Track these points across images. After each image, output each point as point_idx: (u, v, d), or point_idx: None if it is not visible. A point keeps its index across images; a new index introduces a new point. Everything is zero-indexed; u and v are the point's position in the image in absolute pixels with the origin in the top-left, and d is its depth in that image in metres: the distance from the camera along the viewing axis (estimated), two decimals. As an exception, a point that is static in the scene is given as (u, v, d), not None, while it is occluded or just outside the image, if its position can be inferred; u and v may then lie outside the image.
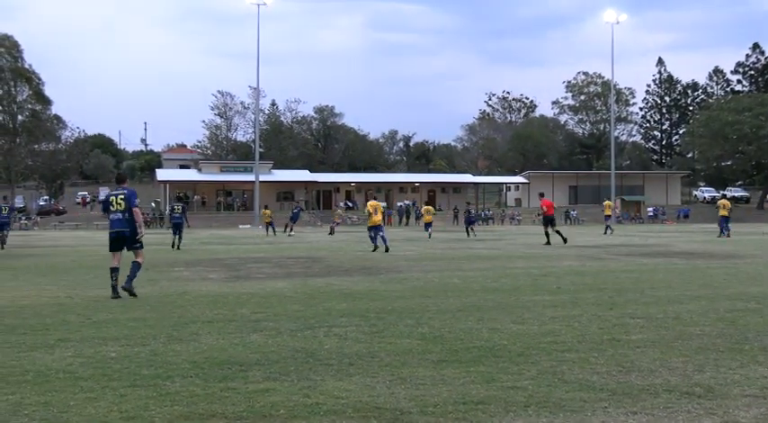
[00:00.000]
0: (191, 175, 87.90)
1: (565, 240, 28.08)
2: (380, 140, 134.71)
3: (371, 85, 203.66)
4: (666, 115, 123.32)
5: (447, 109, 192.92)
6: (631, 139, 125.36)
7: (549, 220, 29.33)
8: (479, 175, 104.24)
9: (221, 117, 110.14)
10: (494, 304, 10.90)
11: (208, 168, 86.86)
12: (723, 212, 35.03)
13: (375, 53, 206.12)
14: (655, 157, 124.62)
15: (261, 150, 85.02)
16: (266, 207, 49.23)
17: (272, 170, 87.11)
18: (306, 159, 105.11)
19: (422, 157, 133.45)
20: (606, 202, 44.24)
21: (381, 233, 25.46)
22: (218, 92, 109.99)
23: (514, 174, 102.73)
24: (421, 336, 8.23)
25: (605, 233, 40.57)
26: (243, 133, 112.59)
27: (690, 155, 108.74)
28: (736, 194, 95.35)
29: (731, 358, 6.94)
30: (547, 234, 29.08)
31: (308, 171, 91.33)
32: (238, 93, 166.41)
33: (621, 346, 7.59)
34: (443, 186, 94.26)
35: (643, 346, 7.53)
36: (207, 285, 13.89)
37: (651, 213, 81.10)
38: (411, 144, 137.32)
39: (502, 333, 8.38)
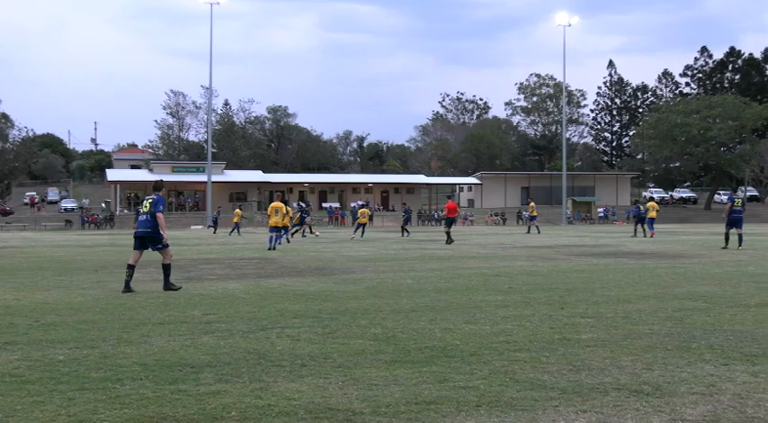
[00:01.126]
0: (142, 175, 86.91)
1: (448, 242, 29.94)
2: (334, 141, 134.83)
3: (325, 86, 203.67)
4: (617, 117, 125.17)
5: (401, 110, 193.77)
6: (582, 141, 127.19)
7: (449, 222, 31.62)
8: (432, 175, 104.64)
9: (173, 117, 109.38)
10: (446, 304, 10.95)
11: (159, 168, 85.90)
12: (652, 214, 37.62)
13: (329, 54, 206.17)
14: (605, 158, 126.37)
15: (213, 150, 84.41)
16: (240, 207, 53.43)
17: (225, 170, 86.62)
18: (259, 160, 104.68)
19: (375, 157, 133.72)
20: (531, 204, 46.70)
21: (276, 233, 26.77)
22: (171, 91, 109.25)
23: (467, 175, 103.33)
24: (374, 336, 8.24)
25: (529, 232, 43.70)
26: (195, 133, 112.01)
27: (639, 156, 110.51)
28: (684, 195, 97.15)
29: (679, 357, 7.06)
30: (447, 234, 30.89)
31: (260, 171, 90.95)
32: (191, 92, 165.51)
33: (572, 345, 7.68)
34: (397, 187, 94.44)
35: (593, 346, 7.62)
36: (158, 287, 13.73)
37: (601, 214, 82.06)
38: (364, 145, 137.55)
39: (454, 333, 8.42)
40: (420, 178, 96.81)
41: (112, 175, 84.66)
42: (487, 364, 6.75)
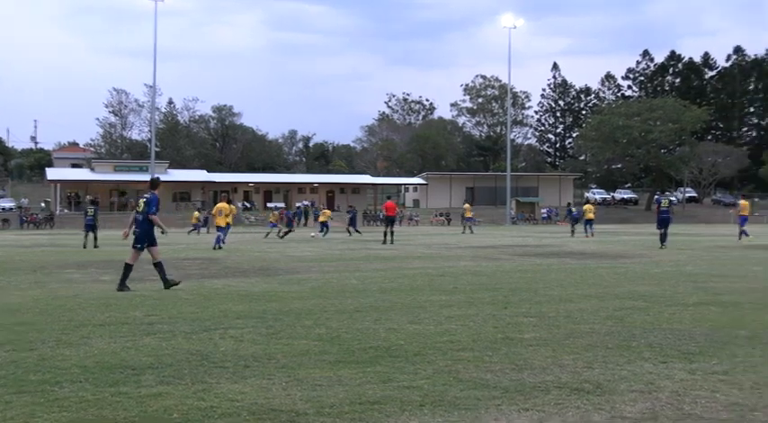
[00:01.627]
0: (83, 174, 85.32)
1: (384, 243, 30.24)
2: (279, 141, 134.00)
3: (271, 85, 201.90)
4: (560, 119, 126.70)
5: (347, 110, 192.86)
6: (527, 142, 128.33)
7: (389, 221, 32.05)
8: (378, 175, 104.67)
9: (116, 115, 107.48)
10: (391, 304, 10.97)
11: (101, 167, 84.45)
12: (589, 216, 40.73)
13: (275, 53, 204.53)
14: (549, 159, 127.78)
15: (157, 149, 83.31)
16: (198, 209, 54.66)
17: (168, 170, 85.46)
18: (203, 159, 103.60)
19: (321, 157, 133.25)
20: (466, 205, 51.27)
21: (220, 233, 27.50)
22: (113, 89, 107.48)
23: (413, 175, 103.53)
24: (318, 337, 8.22)
25: (464, 232, 45.46)
26: (138, 132, 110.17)
27: (582, 157, 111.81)
28: (625, 196, 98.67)
29: (619, 355, 7.17)
30: (385, 234, 31.35)
31: (205, 171, 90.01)
32: (134, 91, 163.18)
33: (515, 344, 7.75)
34: (342, 187, 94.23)
35: (535, 345, 7.70)
36: (99, 287, 13.54)
37: (545, 214, 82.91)
38: (310, 144, 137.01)
39: (399, 333, 8.44)
40: (365, 178, 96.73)
41: (52, 173, 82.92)
42: (431, 364, 6.78)
